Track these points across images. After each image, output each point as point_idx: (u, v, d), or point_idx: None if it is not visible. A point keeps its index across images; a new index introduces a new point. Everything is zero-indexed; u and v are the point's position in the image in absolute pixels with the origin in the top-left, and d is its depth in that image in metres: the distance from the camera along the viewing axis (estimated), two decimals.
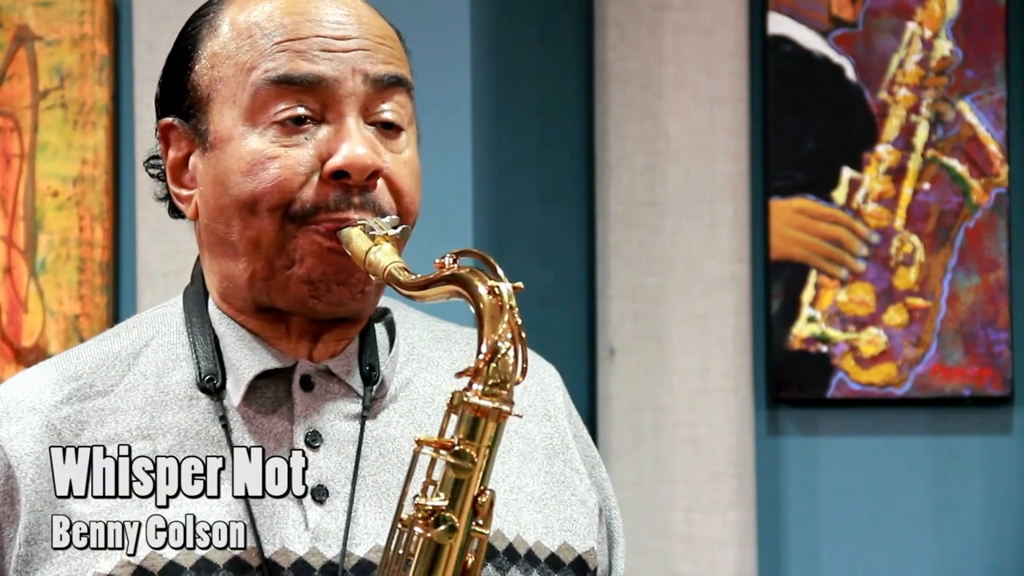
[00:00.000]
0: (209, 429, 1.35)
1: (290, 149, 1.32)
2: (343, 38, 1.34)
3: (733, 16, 2.94)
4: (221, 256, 1.37)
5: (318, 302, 1.34)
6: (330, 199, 1.32)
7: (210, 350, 1.38)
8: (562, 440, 1.46)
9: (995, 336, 2.93)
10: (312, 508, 1.33)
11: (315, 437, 1.35)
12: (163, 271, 2.91)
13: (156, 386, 1.38)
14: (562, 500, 1.42)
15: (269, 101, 1.33)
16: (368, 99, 1.34)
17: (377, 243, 1.29)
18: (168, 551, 1.31)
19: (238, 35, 1.35)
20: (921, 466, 2.97)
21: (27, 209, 2.99)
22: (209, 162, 1.36)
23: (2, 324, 2.99)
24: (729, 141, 2.93)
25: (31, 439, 1.36)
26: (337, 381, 1.38)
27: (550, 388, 1.49)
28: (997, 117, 2.95)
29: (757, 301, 2.97)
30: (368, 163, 1.32)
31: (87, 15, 2.99)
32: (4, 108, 3.01)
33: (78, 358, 1.41)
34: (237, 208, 1.33)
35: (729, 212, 2.92)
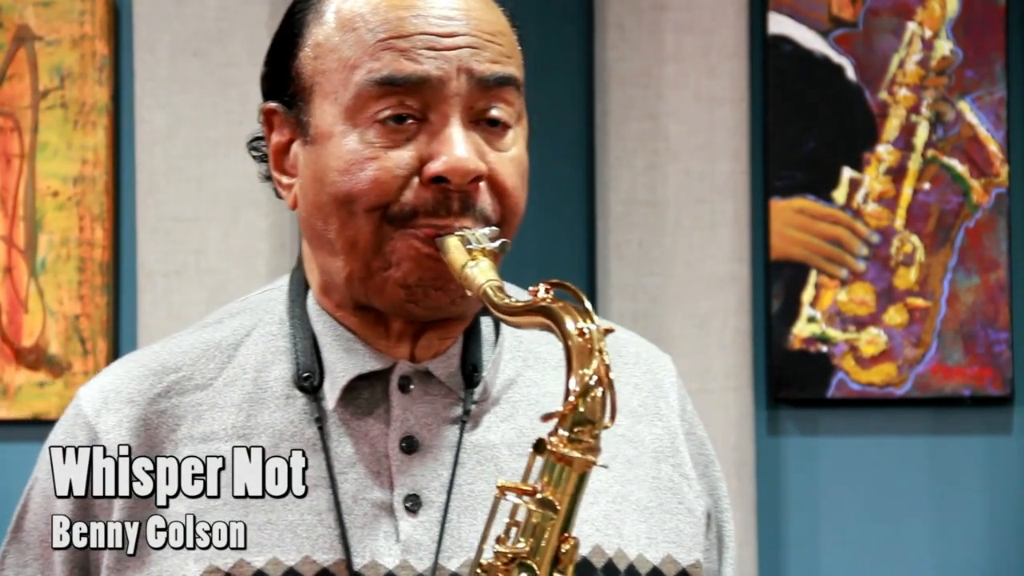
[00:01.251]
0: (304, 431, 1.32)
1: (389, 151, 1.28)
2: (449, 35, 1.29)
3: (733, 16, 2.94)
4: (320, 251, 1.34)
5: (415, 306, 1.30)
6: (429, 203, 1.28)
7: (309, 346, 1.35)
8: (672, 442, 1.41)
9: (995, 336, 2.93)
10: (404, 519, 1.30)
11: (410, 443, 1.32)
12: (163, 271, 2.91)
13: (254, 382, 1.35)
14: (668, 509, 1.38)
15: (371, 101, 1.28)
16: (473, 98, 1.30)
17: (474, 257, 1.25)
18: (256, 560, 1.29)
19: (342, 26, 1.31)
20: (921, 466, 2.97)
21: (27, 209, 2.99)
22: (309, 155, 1.32)
23: (2, 324, 2.99)
24: (729, 141, 2.93)
25: (127, 433, 1.34)
26: (436, 383, 1.34)
27: (664, 384, 1.45)
28: (997, 117, 2.95)
29: (757, 301, 2.97)
30: (470, 168, 1.28)
31: (87, 15, 2.99)
32: (4, 108, 3.01)
33: (179, 347, 1.39)
34: (335, 206, 1.29)
35: (729, 212, 2.92)
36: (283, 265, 2.90)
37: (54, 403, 2.97)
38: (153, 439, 1.34)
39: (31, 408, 2.98)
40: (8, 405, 2.98)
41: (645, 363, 1.44)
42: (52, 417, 2.97)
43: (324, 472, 1.31)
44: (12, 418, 2.99)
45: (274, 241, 2.90)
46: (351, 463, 1.32)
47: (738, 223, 2.93)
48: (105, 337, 2.96)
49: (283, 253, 2.90)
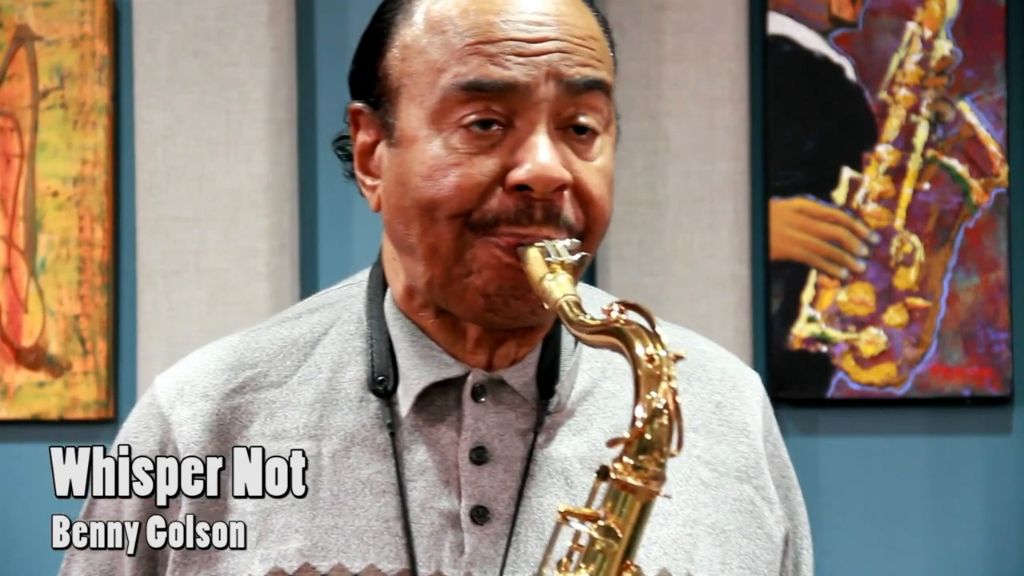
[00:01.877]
0: (376, 436, 1.32)
1: (473, 157, 1.26)
2: (539, 40, 1.27)
3: (733, 16, 2.94)
4: (402, 254, 1.33)
5: (494, 315, 1.28)
6: (512, 211, 1.26)
7: (384, 349, 1.34)
8: (756, 463, 1.39)
9: (995, 336, 2.93)
10: (471, 531, 1.29)
11: (481, 453, 1.31)
12: (163, 271, 2.91)
13: (328, 382, 1.35)
14: (746, 533, 1.36)
15: (456, 105, 1.26)
16: (561, 103, 1.27)
17: (553, 271, 1.23)
18: (321, 565, 1.28)
19: (430, 28, 1.29)
20: (921, 466, 2.97)
21: (27, 209, 2.99)
22: (393, 158, 1.31)
23: (2, 324, 2.99)
24: (729, 141, 2.93)
25: (200, 427, 1.34)
26: (510, 392, 1.33)
27: (750, 402, 1.42)
28: (997, 117, 2.95)
29: (757, 301, 2.97)
30: (554, 176, 1.25)
31: (87, 15, 2.99)
32: (4, 108, 3.01)
33: (257, 343, 1.38)
34: (417, 212, 1.27)
35: (729, 212, 2.92)
36: (283, 265, 2.90)
37: (54, 403, 2.97)
38: (225, 435, 1.34)
39: (31, 408, 2.98)
40: (8, 405, 2.98)
41: (731, 380, 1.42)
42: (52, 417, 2.97)
43: (393, 479, 1.30)
44: (12, 418, 2.99)
45: (274, 241, 2.90)
46: (420, 471, 1.31)
47: (738, 223, 2.93)
48: (105, 337, 2.96)
49: (283, 253, 2.90)
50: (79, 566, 1.41)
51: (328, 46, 2.97)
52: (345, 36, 2.96)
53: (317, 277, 2.95)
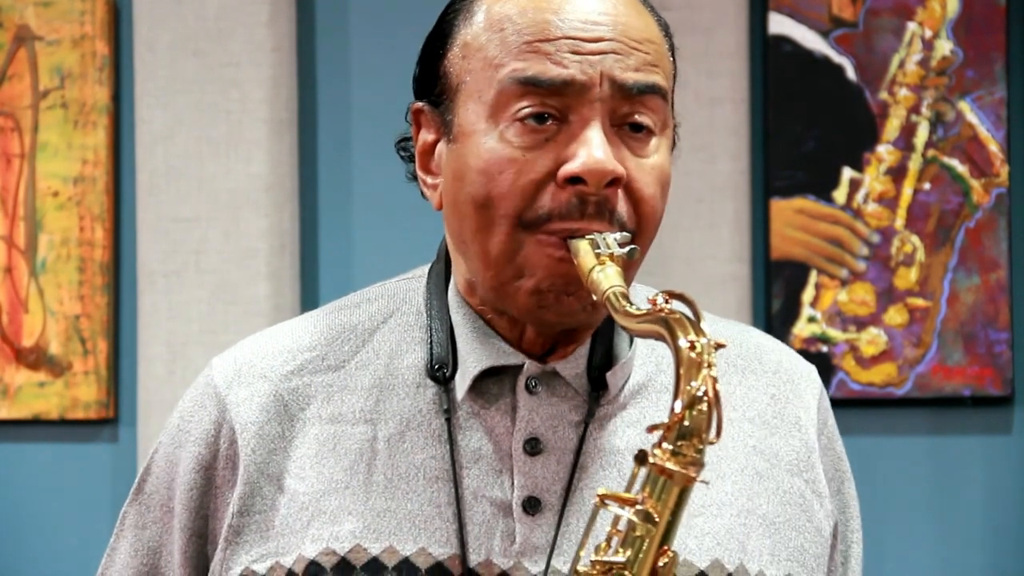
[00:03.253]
0: (431, 421, 1.33)
1: (528, 152, 1.28)
2: (594, 39, 1.28)
3: (733, 16, 2.94)
4: (459, 250, 1.35)
5: (547, 312, 1.30)
6: (564, 206, 1.27)
7: (444, 337, 1.35)
8: (808, 456, 1.40)
9: (995, 336, 2.93)
10: (522, 521, 1.30)
11: (534, 444, 1.32)
12: (163, 271, 2.91)
13: (386, 368, 1.36)
14: (796, 526, 1.36)
15: (512, 100, 1.28)
16: (616, 103, 1.28)
17: (602, 262, 1.24)
18: (373, 547, 1.29)
19: (490, 27, 1.31)
20: (921, 466, 2.97)
21: (27, 209, 2.99)
22: (452, 153, 1.32)
23: (2, 324, 2.99)
24: (729, 141, 2.93)
25: (257, 408, 1.36)
26: (563, 384, 1.34)
27: (804, 396, 1.43)
28: (997, 117, 2.94)
29: (757, 301, 2.97)
30: (607, 169, 1.26)
31: (87, 15, 2.99)
32: (4, 108, 3.01)
33: (316, 327, 1.40)
34: (472, 208, 1.29)
35: (729, 212, 2.92)
36: (283, 265, 2.90)
37: (54, 403, 2.97)
38: (282, 416, 1.35)
39: (31, 408, 2.98)
40: (8, 405, 2.98)
41: (786, 373, 1.43)
42: (52, 417, 2.97)
43: (448, 464, 1.31)
44: (12, 418, 2.99)
45: (274, 241, 2.90)
46: (475, 458, 1.32)
47: (738, 223, 2.93)
48: (105, 337, 2.96)
49: (283, 253, 2.90)
50: (127, 542, 1.42)
51: (328, 46, 2.97)
52: (345, 36, 2.96)
53: (317, 277, 2.95)
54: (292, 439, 1.34)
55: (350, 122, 2.97)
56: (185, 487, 1.38)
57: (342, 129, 2.98)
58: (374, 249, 2.89)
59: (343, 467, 1.33)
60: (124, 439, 2.96)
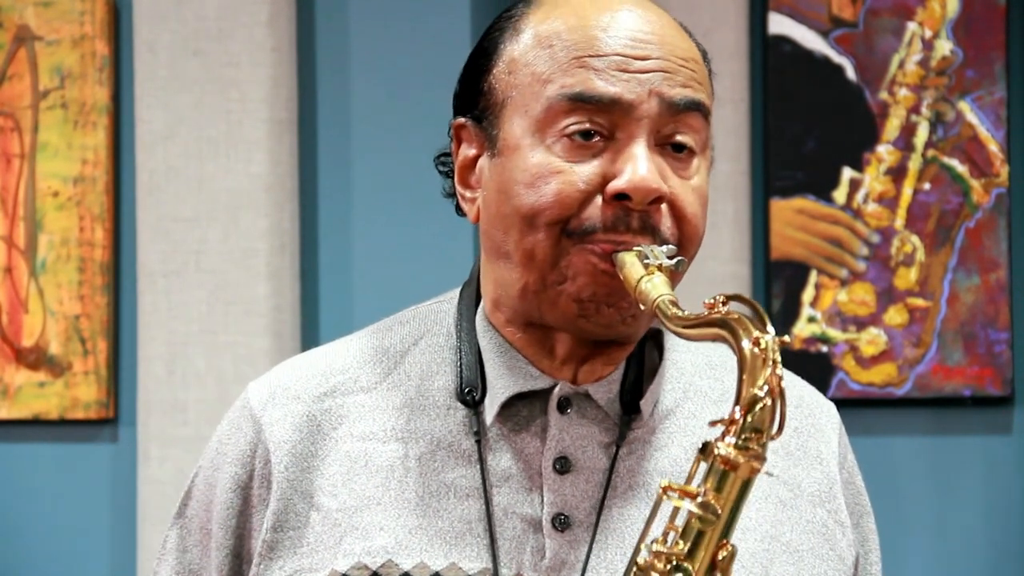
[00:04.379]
0: (462, 442, 1.35)
1: (575, 165, 1.30)
2: (642, 57, 1.31)
3: (733, 16, 2.94)
4: (497, 263, 1.36)
5: (586, 322, 1.31)
6: (609, 220, 1.29)
7: (473, 360, 1.37)
8: (830, 488, 1.41)
9: (995, 336, 2.93)
10: (552, 537, 1.31)
11: (564, 463, 1.33)
12: (163, 271, 2.91)
13: (418, 389, 1.38)
14: (819, 554, 1.37)
15: (560, 115, 1.30)
16: (661, 121, 1.31)
17: (650, 272, 1.26)
18: (404, 562, 1.30)
19: (538, 43, 1.33)
20: (921, 466, 2.97)
21: (27, 209, 2.99)
22: (495, 168, 1.34)
23: (2, 324, 2.99)
24: (729, 141, 2.93)
25: (290, 427, 1.38)
26: (594, 407, 1.35)
27: (825, 430, 1.44)
28: (997, 117, 2.95)
29: (757, 301, 2.97)
30: (652, 187, 1.29)
31: (87, 15, 2.99)
32: (4, 108, 3.01)
33: (348, 350, 1.42)
34: (517, 218, 1.31)
35: (729, 212, 2.92)
36: (283, 265, 2.90)
37: (54, 403, 2.97)
38: (315, 435, 1.37)
39: (31, 408, 2.98)
40: (8, 405, 2.98)
41: (808, 407, 1.45)
42: (52, 417, 2.97)
43: (478, 483, 1.33)
44: (12, 418, 2.99)
45: (274, 241, 2.90)
46: (504, 477, 1.33)
47: (738, 223, 2.93)
48: (105, 337, 2.96)
49: (283, 253, 2.90)
50: (169, 565, 1.45)
51: (328, 46, 2.97)
52: (345, 36, 2.96)
53: (317, 277, 2.95)
54: (325, 457, 1.36)
55: (350, 122, 2.97)
56: (222, 507, 1.40)
57: (342, 129, 2.98)
58: (374, 249, 2.89)
59: (375, 484, 1.34)
60: (124, 439, 2.96)
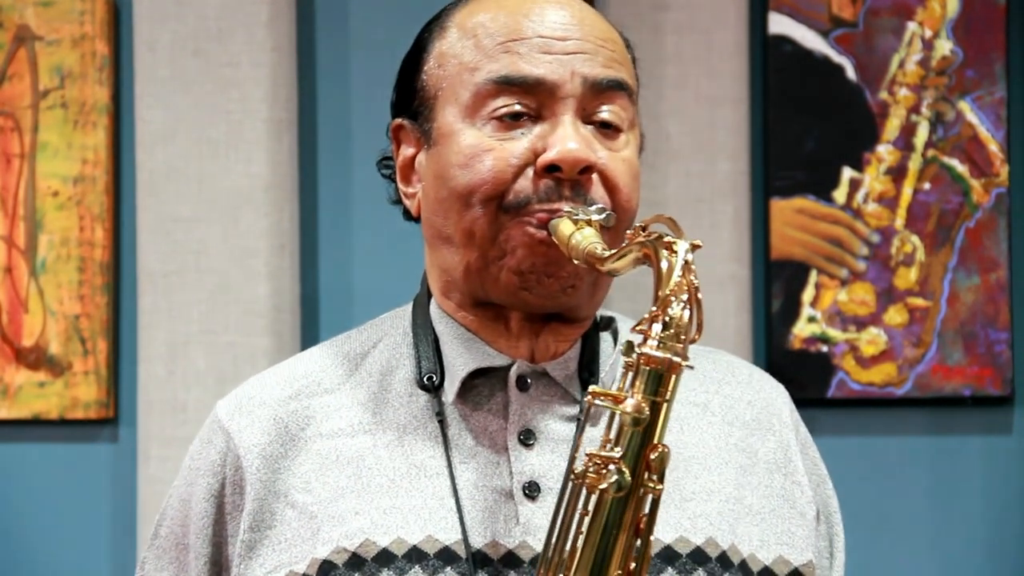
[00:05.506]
0: (427, 425, 1.38)
1: (506, 142, 1.35)
2: (563, 39, 1.37)
3: (733, 16, 2.94)
4: (440, 249, 1.40)
5: (528, 294, 1.36)
6: (542, 191, 1.34)
7: (430, 349, 1.41)
8: (785, 454, 1.46)
9: (995, 336, 2.93)
10: (524, 504, 1.34)
11: (529, 435, 1.37)
12: (163, 271, 2.91)
13: (380, 384, 1.42)
14: (781, 514, 1.42)
15: (488, 99, 1.36)
16: (586, 101, 1.37)
17: (580, 227, 1.31)
18: (382, 540, 1.33)
19: (463, 35, 1.39)
20: (921, 466, 2.97)
21: (27, 209, 2.99)
22: (432, 158, 1.39)
23: (2, 324, 2.99)
24: (729, 141, 2.93)
25: (259, 431, 1.41)
26: (553, 384, 1.40)
27: (776, 403, 1.51)
28: (997, 117, 2.94)
29: (757, 301, 2.97)
30: (581, 156, 1.34)
31: (87, 15, 2.99)
32: (4, 108, 3.01)
33: (310, 357, 1.47)
34: (454, 199, 1.36)
35: (729, 212, 2.92)
36: (283, 265, 2.90)
37: (54, 403, 2.97)
38: (283, 436, 1.40)
39: (31, 408, 2.98)
40: (8, 405, 2.98)
41: (757, 383, 1.50)
42: (52, 417, 2.97)
43: (445, 462, 1.36)
44: (12, 418, 2.99)
45: (274, 241, 2.90)
46: (472, 454, 1.37)
47: (738, 223, 2.93)
48: (105, 337, 2.96)
49: (283, 253, 2.90)
50: None
51: (328, 46, 2.97)
52: (345, 36, 2.96)
53: (317, 277, 2.95)
54: (295, 457, 1.39)
55: (350, 122, 2.97)
56: (198, 517, 1.43)
57: (342, 129, 2.97)
58: (373, 249, 2.89)
59: (347, 475, 1.37)
60: (124, 439, 2.96)
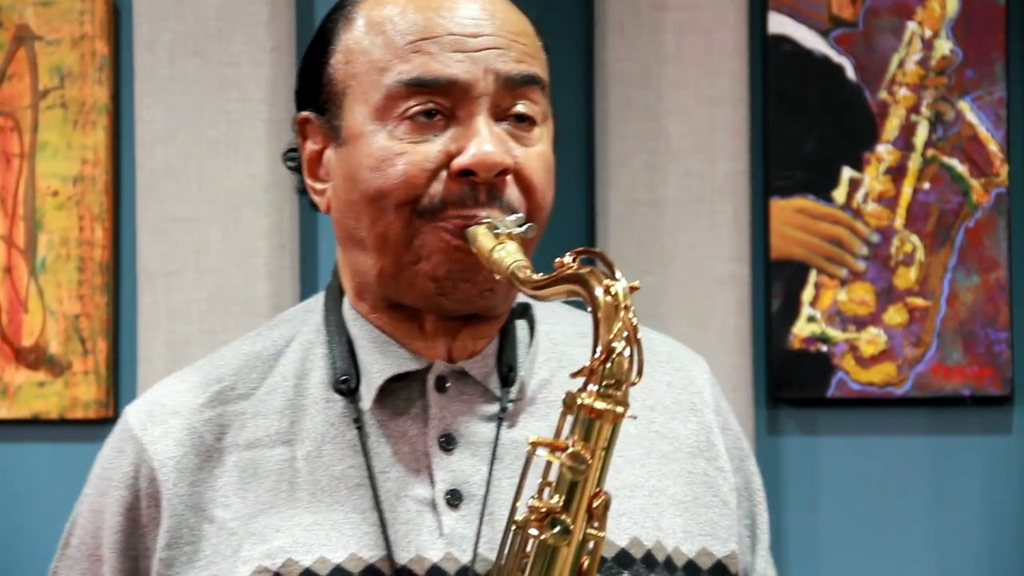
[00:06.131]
0: (344, 433, 1.35)
1: (418, 145, 1.32)
2: (475, 35, 1.33)
3: (733, 16, 2.94)
4: (352, 251, 1.37)
5: (444, 299, 1.33)
6: (457, 196, 1.31)
7: (345, 351, 1.37)
8: (707, 437, 1.44)
9: (995, 336, 2.93)
10: (446, 513, 1.32)
11: (449, 440, 1.34)
12: (163, 271, 2.91)
13: (295, 388, 1.38)
14: (703, 503, 1.40)
15: (400, 100, 1.32)
16: (499, 97, 1.33)
17: (501, 241, 1.28)
18: (304, 559, 1.30)
19: (371, 30, 1.35)
20: (921, 466, 2.97)
21: (27, 209, 2.99)
22: (341, 157, 1.35)
23: (2, 324, 2.99)
24: (729, 141, 2.93)
25: (173, 443, 1.37)
26: (473, 383, 1.37)
27: (697, 381, 1.48)
28: (997, 117, 2.95)
29: (757, 301, 2.97)
30: (496, 161, 1.31)
31: (87, 15, 2.99)
32: (4, 108, 3.01)
33: (222, 360, 1.42)
34: (365, 203, 1.32)
35: (729, 212, 2.92)
36: (283, 265, 2.90)
37: (54, 403, 2.97)
38: (199, 447, 1.37)
39: (31, 408, 2.98)
40: (8, 405, 2.98)
41: (678, 361, 1.48)
42: (52, 417, 2.97)
43: (365, 472, 1.33)
44: (12, 418, 2.99)
45: (274, 241, 2.90)
46: (392, 463, 1.34)
47: (738, 223, 2.93)
48: (105, 337, 2.96)
49: (283, 253, 2.90)
50: None
51: None
52: None
53: (317, 277, 2.95)
54: (212, 469, 1.36)
55: None
56: (111, 530, 1.39)
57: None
58: None
59: (266, 488, 1.34)
60: None
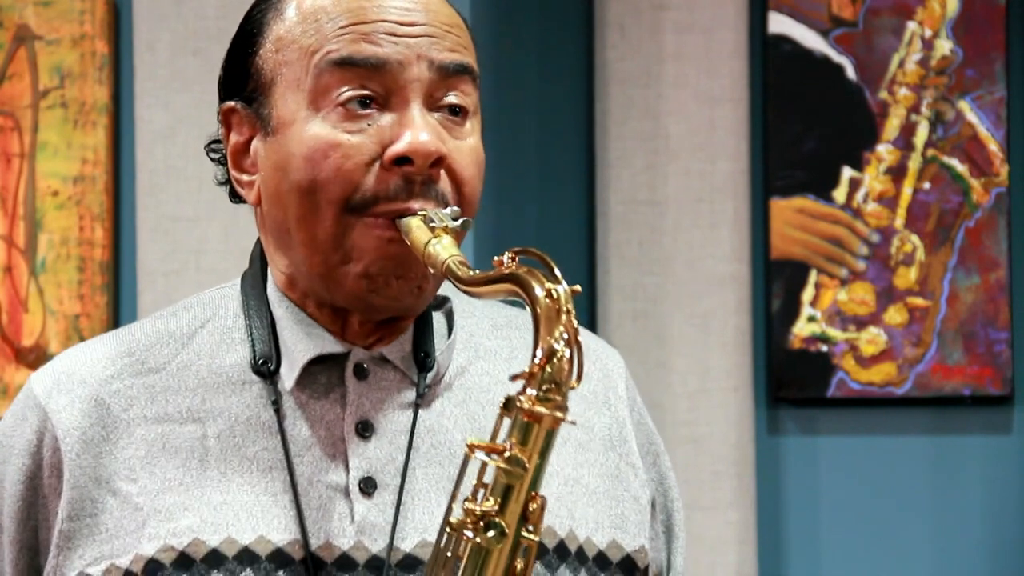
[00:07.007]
0: (260, 415, 1.34)
1: (352, 136, 1.30)
2: (409, 23, 1.32)
3: (733, 16, 2.94)
4: (281, 243, 1.35)
5: (376, 296, 1.31)
6: (390, 188, 1.29)
7: (266, 333, 1.36)
8: (620, 431, 1.43)
9: (995, 336, 2.93)
10: (359, 501, 1.31)
11: (366, 427, 1.33)
12: (163, 271, 2.91)
13: (209, 367, 1.36)
14: (615, 495, 1.39)
15: (332, 84, 1.30)
16: (433, 86, 1.32)
17: (437, 235, 1.27)
18: (211, 539, 1.29)
19: (303, 19, 1.33)
20: (921, 466, 2.97)
21: (27, 209, 2.99)
22: (271, 147, 1.34)
23: (2, 324, 2.99)
24: (729, 141, 2.93)
25: (79, 413, 1.35)
26: (391, 368, 1.36)
27: (612, 375, 1.46)
28: (997, 116, 2.95)
29: (757, 301, 2.97)
30: (431, 149, 1.29)
31: (87, 15, 2.99)
32: (4, 108, 3.01)
33: (133, 334, 1.40)
34: (296, 195, 1.31)
35: (729, 212, 2.92)
36: None
37: None
38: (105, 418, 1.35)
39: None
40: (8, 405, 2.98)
41: (594, 353, 1.45)
42: None
43: (280, 454, 1.32)
44: None
45: None
46: (307, 446, 1.33)
47: (738, 223, 2.93)
48: None
49: None
50: None
51: None
52: None
53: None
54: (117, 441, 1.34)
55: None
56: (12, 499, 1.37)
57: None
58: None
59: (175, 465, 1.32)
60: None
